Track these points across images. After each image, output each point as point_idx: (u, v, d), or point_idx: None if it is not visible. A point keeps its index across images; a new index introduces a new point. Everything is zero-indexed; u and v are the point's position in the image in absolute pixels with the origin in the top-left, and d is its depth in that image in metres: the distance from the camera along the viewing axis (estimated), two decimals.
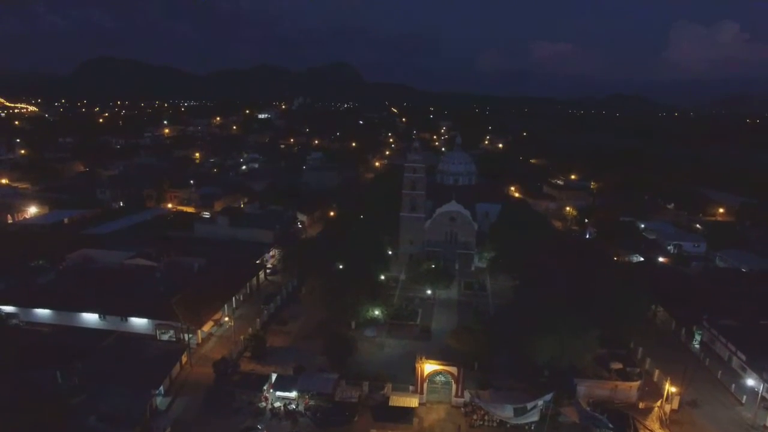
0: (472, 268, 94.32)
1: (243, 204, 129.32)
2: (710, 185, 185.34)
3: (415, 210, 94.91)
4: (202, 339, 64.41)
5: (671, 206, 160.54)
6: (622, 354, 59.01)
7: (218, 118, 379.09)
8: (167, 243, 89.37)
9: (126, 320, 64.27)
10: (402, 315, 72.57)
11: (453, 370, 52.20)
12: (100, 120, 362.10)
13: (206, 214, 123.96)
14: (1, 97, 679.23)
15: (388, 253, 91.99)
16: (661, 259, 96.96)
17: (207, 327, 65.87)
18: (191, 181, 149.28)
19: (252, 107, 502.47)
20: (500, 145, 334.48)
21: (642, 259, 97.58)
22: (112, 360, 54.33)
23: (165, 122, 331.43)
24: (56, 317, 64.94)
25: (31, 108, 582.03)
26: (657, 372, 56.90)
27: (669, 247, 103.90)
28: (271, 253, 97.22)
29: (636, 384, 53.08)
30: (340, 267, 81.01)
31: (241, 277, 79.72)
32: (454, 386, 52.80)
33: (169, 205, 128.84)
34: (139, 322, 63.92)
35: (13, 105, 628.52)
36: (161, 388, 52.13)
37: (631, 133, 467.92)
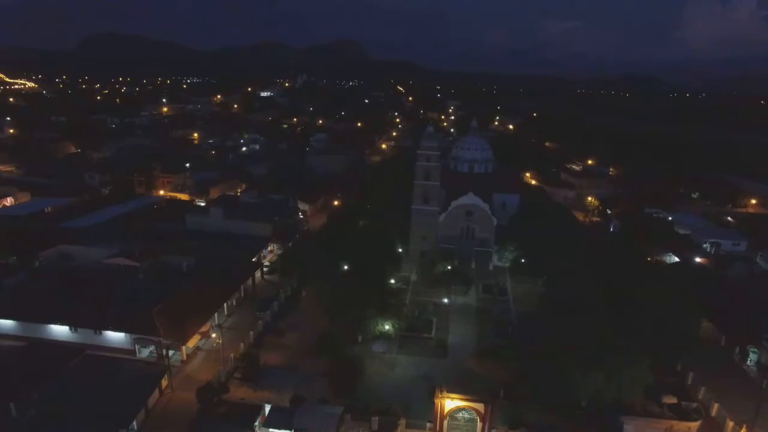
0: (491, 268, 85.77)
1: (241, 191, 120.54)
2: (737, 172, 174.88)
3: (429, 202, 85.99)
4: (187, 355, 56.43)
5: (695, 196, 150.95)
6: (673, 383, 50.58)
7: (219, 96, 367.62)
8: (154, 238, 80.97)
9: (100, 333, 56.22)
10: (415, 326, 64.29)
11: (479, 406, 44.04)
12: (98, 97, 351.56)
13: (201, 203, 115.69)
14: (2, 73, 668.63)
15: (398, 251, 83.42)
16: (697, 260, 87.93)
17: (193, 341, 57.86)
18: (187, 165, 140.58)
19: (254, 85, 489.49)
20: (510, 126, 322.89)
21: (677, 259, 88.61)
22: (79, 386, 46.40)
23: (164, 100, 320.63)
24: (20, 329, 57.09)
25: (30, 84, 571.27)
26: (716, 406, 48.50)
27: (704, 245, 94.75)
28: (269, 248, 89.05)
29: (696, 425, 44.86)
30: (345, 267, 72.97)
31: (235, 279, 71.52)
32: (479, 424, 44.74)
33: (161, 192, 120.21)
34: (115, 336, 55.91)
35: (12, 81, 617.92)
36: (134, 423, 44.24)
37: (645, 115, 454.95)
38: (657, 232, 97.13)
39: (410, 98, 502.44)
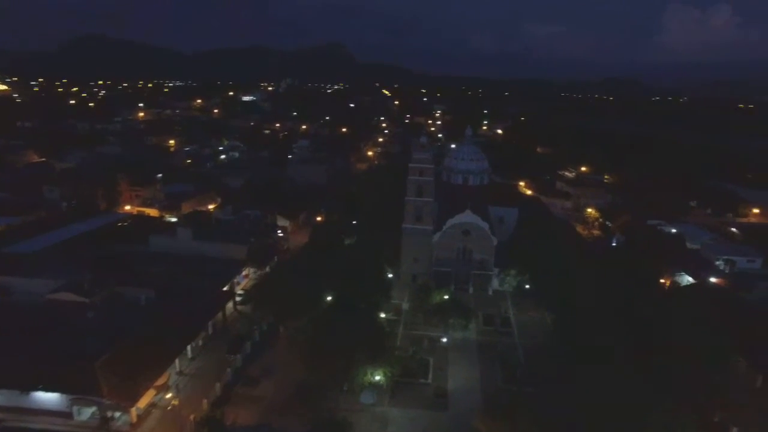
0: (490, 293, 77.69)
1: (216, 206, 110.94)
2: (731, 178, 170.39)
3: (421, 221, 77.68)
4: (138, 416, 47.01)
5: (693, 204, 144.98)
6: None
7: (199, 101, 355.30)
8: (112, 264, 71.26)
9: (29, 393, 46.58)
10: (409, 369, 55.71)
11: None
12: (72, 101, 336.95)
13: (172, 218, 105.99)
14: None
15: (388, 276, 74.88)
16: (713, 280, 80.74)
17: (147, 398, 48.38)
18: (158, 176, 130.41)
19: (236, 88, 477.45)
20: (499, 131, 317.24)
21: (690, 279, 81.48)
22: None
23: (140, 105, 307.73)
24: None
25: (2, 87, 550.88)
26: None
27: (718, 263, 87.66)
28: (244, 273, 79.81)
29: None
30: (329, 299, 64.44)
31: (203, 314, 62.26)
32: None
33: (128, 207, 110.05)
34: (48, 396, 46.29)
35: None
36: None
37: (631, 118, 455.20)
38: (667, 248, 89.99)
39: (396, 102, 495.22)
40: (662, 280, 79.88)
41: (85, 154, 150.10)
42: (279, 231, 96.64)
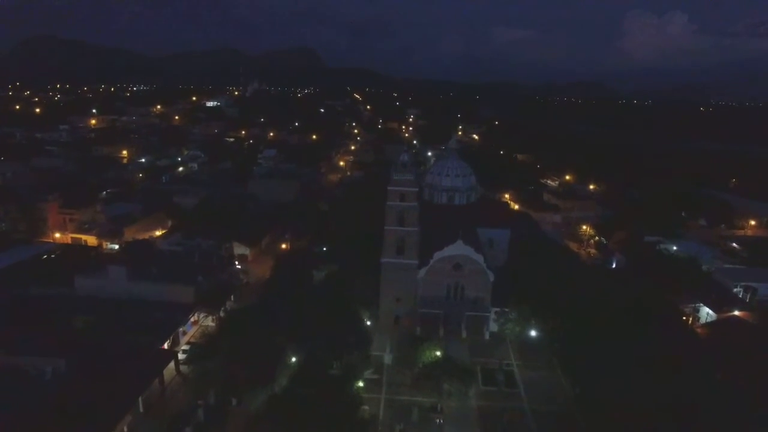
0: (487, 337, 65.91)
1: (165, 231, 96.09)
2: (716, 185, 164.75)
3: (404, 254, 65.32)
4: None
5: (684, 215, 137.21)
6: None
7: (159, 107, 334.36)
8: (16, 320, 56.57)
9: None
10: None
11: None
12: (17, 107, 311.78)
13: (114, 246, 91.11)
14: None
15: (366, 324, 62.23)
16: (736, 313, 70.90)
17: None
18: (103, 194, 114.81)
19: (200, 93, 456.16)
20: (475, 136, 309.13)
21: (710, 311, 71.61)
22: None
23: (93, 111, 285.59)
24: None
25: None
26: None
27: (736, 289, 78.13)
28: (192, 319, 66.02)
29: None
30: (294, 359, 51.69)
31: (131, 388, 48.29)
32: None
33: (57, 235, 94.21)
34: None
35: None
36: None
37: (603, 122, 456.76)
38: (678, 272, 79.79)
39: (368, 107, 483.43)
40: (685, 318, 69.73)
41: (15, 169, 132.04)
42: (237, 262, 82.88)
